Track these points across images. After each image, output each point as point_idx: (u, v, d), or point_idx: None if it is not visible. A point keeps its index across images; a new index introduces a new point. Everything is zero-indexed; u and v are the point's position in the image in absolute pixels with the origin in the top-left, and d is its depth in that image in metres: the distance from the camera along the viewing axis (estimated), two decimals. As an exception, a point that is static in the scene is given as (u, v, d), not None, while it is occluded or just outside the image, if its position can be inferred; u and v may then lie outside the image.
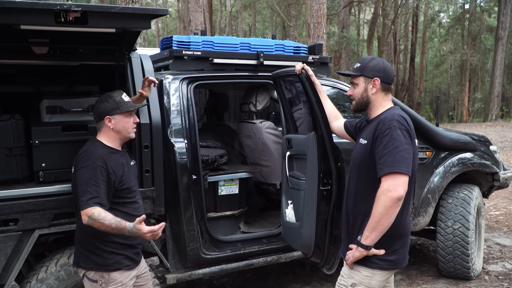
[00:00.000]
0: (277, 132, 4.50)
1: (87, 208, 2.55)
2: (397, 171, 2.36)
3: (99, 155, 2.68)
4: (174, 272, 3.66)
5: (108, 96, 2.80)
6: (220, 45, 4.02)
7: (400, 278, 4.86)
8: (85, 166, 2.63)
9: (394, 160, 2.37)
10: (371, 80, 2.62)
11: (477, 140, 5.01)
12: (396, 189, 2.35)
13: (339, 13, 23.54)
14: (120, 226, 2.53)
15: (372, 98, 2.63)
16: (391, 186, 2.35)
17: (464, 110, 29.76)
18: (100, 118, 2.77)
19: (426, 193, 4.57)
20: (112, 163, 2.71)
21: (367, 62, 2.66)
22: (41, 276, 3.03)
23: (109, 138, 2.79)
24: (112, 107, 2.76)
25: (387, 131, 2.42)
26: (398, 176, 2.36)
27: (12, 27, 2.54)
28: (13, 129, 3.11)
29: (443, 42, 37.20)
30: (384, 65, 2.64)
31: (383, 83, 2.62)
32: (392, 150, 2.38)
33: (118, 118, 2.77)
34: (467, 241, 4.56)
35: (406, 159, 2.38)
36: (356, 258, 2.52)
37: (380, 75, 2.61)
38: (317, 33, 11.80)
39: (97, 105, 2.80)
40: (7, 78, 3.54)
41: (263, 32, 35.86)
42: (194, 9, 13.66)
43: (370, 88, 2.63)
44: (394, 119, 2.45)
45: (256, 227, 4.39)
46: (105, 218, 2.53)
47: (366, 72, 2.63)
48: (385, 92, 2.64)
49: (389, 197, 2.35)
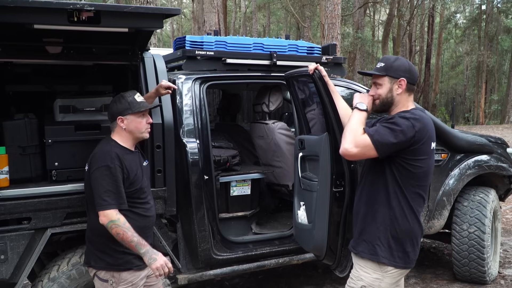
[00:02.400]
0: (290, 133, 4.47)
1: (110, 210, 2.58)
2: (370, 134, 2.42)
3: (115, 154, 2.68)
4: (186, 272, 3.65)
5: (121, 96, 2.81)
6: (233, 45, 4.01)
7: (415, 282, 4.80)
8: (104, 165, 2.63)
9: (380, 130, 2.44)
10: (397, 80, 2.57)
11: (493, 142, 4.93)
12: (356, 140, 2.44)
13: (354, 14, 23.40)
14: (141, 242, 2.61)
15: (396, 99, 2.60)
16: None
17: (480, 112, 29.38)
18: (113, 118, 2.78)
19: (441, 196, 4.50)
20: (127, 163, 2.72)
21: (392, 61, 2.61)
22: (53, 275, 3.05)
23: (122, 138, 2.80)
24: (124, 107, 2.76)
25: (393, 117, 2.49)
26: (366, 137, 2.43)
27: (26, 26, 2.55)
28: (27, 128, 3.13)
29: (459, 43, 36.79)
30: (409, 65, 2.61)
31: (408, 84, 2.58)
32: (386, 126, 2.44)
33: (130, 119, 2.77)
34: (483, 245, 4.48)
35: (383, 137, 2.41)
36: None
37: (407, 76, 2.57)
38: (331, 34, 11.74)
39: (110, 106, 2.81)
40: (22, 78, 3.57)
41: (278, 33, 35.83)
42: (208, 10, 13.70)
43: (396, 89, 2.58)
44: (412, 116, 2.46)
45: (268, 228, 4.36)
46: (130, 228, 2.59)
47: (392, 72, 2.59)
48: (409, 92, 2.61)
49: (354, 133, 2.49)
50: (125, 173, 2.69)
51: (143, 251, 2.62)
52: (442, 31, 32.98)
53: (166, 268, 2.65)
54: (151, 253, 2.64)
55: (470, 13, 34.40)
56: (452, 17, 32.79)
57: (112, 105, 2.81)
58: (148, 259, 2.63)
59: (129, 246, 2.61)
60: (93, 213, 2.71)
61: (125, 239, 2.58)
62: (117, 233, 2.58)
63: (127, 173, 2.70)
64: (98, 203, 2.60)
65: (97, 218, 2.64)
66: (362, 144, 2.42)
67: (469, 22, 33.22)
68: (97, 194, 2.61)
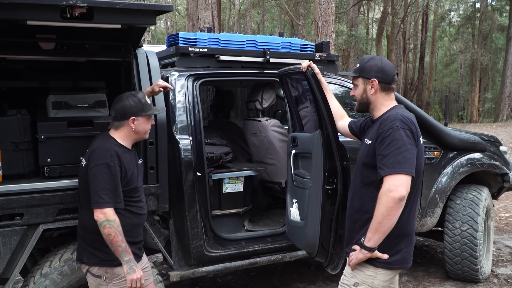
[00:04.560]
0: (283, 130, 4.48)
1: (107, 208, 2.59)
2: (398, 172, 2.33)
3: (115, 152, 2.69)
4: (178, 269, 3.65)
5: (133, 95, 2.81)
6: (226, 42, 4.01)
7: (407, 280, 4.83)
8: (103, 163, 2.64)
9: (396, 161, 2.34)
10: (369, 81, 2.59)
11: (486, 140, 4.95)
12: (398, 189, 2.32)
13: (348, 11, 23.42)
14: (127, 250, 2.64)
15: (372, 99, 2.61)
16: (393, 186, 2.33)
17: (474, 110, 29.51)
18: (124, 117, 2.76)
19: (433, 194, 4.52)
20: (125, 162, 2.73)
21: (365, 62, 2.63)
22: (45, 271, 3.04)
23: (124, 137, 2.80)
24: (138, 108, 2.77)
25: (389, 131, 2.40)
26: (400, 176, 2.34)
27: (19, 22, 2.55)
28: (20, 124, 3.13)
29: (453, 41, 36.92)
30: (383, 65, 2.60)
31: (382, 83, 2.58)
32: (394, 151, 2.36)
33: (141, 120, 2.80)
34: (476, 243, 4.50)
35: (408, 159, 2.35)
36: (360, 260, 2.50)
37: (379, 76, 2.58)
38: (325, 31, 11.74)
39: (120, 104, 2.78)
40: (15, 74, 3.56)
41: (272, 30, 35.81)
42: (202, 7, 13.65)
43: (369, 89, 2.60)
44: (396, 118, 2.42)
45: (260, 226, 4.37)
46: (121, 233, 2.61)
47: (364, 73, 2.61)
48: (385, 92, 2.60)
49: (391, 197, 2.33)
50: (123, 172, 2.70)
51: (126, 259, 2.65)
52: (436, 29, 33.09)
53: (139, 284, 2.70)
54: (132, 264, 2.68)
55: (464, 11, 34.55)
56: (446, 15, 32.87)
57: (123, 103, 2.78)
58: (128, 269, 2.66)
59: (114, 250, 2.63)
60: (86, 210, 2.71)
61: (114, 242, 2.60)
62: (108, 234, 2.58)
63: (125, 172, 2.72)
64: (94, 200, 2.60)
65: (90, 214, 2.64)
66: (402, 182, 2.34)
67: (463, 20, 33.36)
68: (94, 192, 2.61)
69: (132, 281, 2.67)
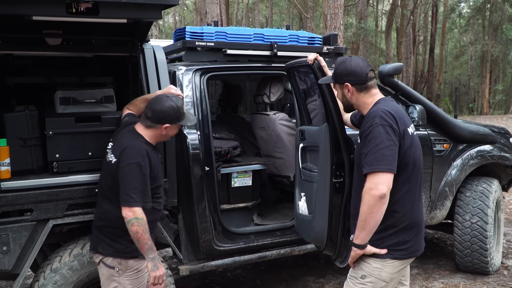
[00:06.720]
0: (291, 123, 4.46)
1: (138, 208, 2.63)
2: (377, 170, 2.33)
3: (146, 152, 2.73)
4: (187, 263, 3.66)
5: (174, 102, 2.82)
6: (234, 36, 3.99)
7: (417, 272, 4.81)
8: (135, 162, 2.67)
9: (374, 159, 2.35)
10: (343, 85, 2.60)
11: (496, 132, 4.90)
12: (378, 187, 2.32)
13: (356, 4, 23.28)
14: (153, 248, 2.69)
15: (353, 101, 2.63)
16: (373, 185, 2.34)
17: (484, 102, 29.25)
18: (159, 122, 2.79)
19: (443, 186, 4.49)
20: (153, 161, 2.78)
21: (336, 67, 2.64)
22: (55, 266, 3.06)
23: (152, 137, 2.85)
24: (176, 118, 2.82)
25: (369, 129, 2.41)
26: (379, 175, 2.33)
27: (25, 18, 2.55)
28: (28, 120, 3.13)
29: (463, 32, 36.55)
30: (352, 66, 2.57)
31: (356, 85, 2.58)
32: (373, 149, 2.36)
33: (173, 127, 2.86)
34: (486, 235, 4.47)
35: (387, 156, 2.34)
36: (353, 257, 2.53)
37: (350, 79, 2.57)
38: (334, 24, 11.66)
39: (160, 108, 2.79)
40: (22, 70, 3.57)
41: (280, 24, 35.67)
42: (210, 1, 13.64)
43: (346, 93, 2.62)
44: (376, 115, 2.42)
45: (269, 220, 4.37)
46: (148, 231, 2.65)
47: (337, 79, 2.65)
48: (364, 91, 2.58)
49: (372, 195, 2.33)
50: (151, 171, 2.75)
51: (151, 256, 2.69)
52: (446, 21, 32.75)
53: (161, 280, 2.75)
54: (157, 261, 2.72)
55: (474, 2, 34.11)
56: (456, 6, 32.55)
57: (163, 109, 2.78)
58: (153, 266, 2.70)
59: (141, 247, 2.66)
60: (110, 202, 2.76)
61: (141, 239, 2.64)
62: (136, 231, 2.62)
63: (153, 171, 2.76)
64: (124, 198, 2.64)
65: (113, 208, 2.70)
66: (382, 180, 2.33)
67: (473, 11, 32.98)
68: (124, 190, 2.64)
69: (156, 277, 2.72)
